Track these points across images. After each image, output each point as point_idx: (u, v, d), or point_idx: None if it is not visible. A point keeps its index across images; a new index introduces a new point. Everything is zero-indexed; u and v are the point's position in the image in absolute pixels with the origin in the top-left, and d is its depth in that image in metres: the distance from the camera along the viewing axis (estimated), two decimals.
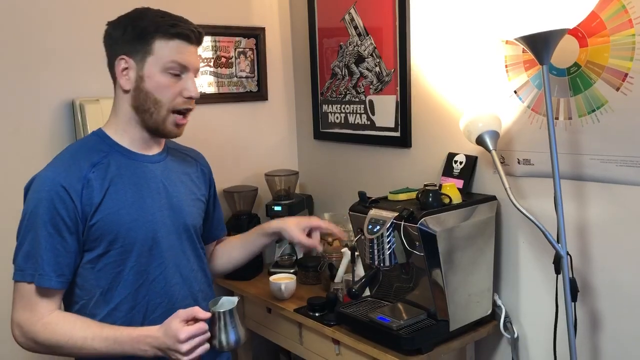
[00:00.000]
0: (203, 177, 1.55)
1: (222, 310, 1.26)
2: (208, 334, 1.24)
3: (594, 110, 1.60)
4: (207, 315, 1.24)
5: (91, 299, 1.31)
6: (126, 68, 1.30)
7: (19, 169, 1.97)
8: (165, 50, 1.28)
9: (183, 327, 1.21)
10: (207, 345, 1.24)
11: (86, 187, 1.26)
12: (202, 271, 1.48)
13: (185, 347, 1.20)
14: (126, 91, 1.31)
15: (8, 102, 1.98)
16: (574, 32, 1.59)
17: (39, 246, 1.24)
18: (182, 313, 1.23)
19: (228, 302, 1.29)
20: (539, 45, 1.49)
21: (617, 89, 1.54)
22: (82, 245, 1.28)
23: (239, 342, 1.27)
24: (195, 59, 1.34)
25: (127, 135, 1.35)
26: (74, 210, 1.25)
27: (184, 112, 1.35)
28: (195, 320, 1.23)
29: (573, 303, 1.58)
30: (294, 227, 1.54)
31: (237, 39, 2.49)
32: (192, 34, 1.30)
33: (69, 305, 1.34)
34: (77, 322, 1.27)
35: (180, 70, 1.31)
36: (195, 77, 1.36)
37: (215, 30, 2.41)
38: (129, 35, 1.28)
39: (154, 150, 1.40)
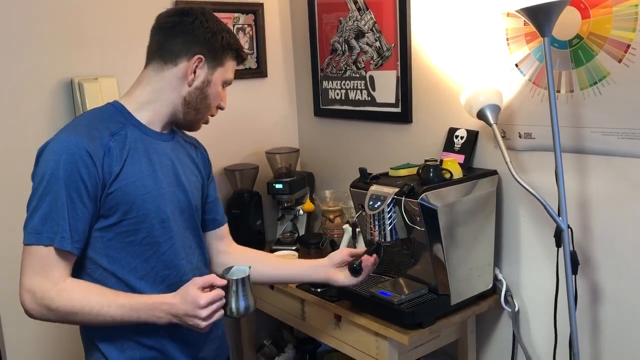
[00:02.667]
0: (203, 162, 1.58)
1: (235, 278, 1.29)
2: (224, 301, 1.27)
3: (595, 83, 1.59)
4: (224, 282, 1.28)
5: (97, 268, 1.32)
6: (198, 67, 1.37)
7: (18, 148, 1.98)
8: (230, 67, 1.44)
9: (201, 293, 1.24)
10: (222, 312, 1.28)
11: (107, 155, 1.27)
12: (200, 249, 1.51)
13: (205, 312, 1.23)
14: (188, 85, 1.38)
15: (7, 82, 1.97)
16: (576, 3, 1.57)
17: (59, 208, 1.23)
18: (199, 280, 1.26)
19: (238, 271, 1.33)
20: (541, 17, 1.47)
21: (619, 61, 1.53)
22: (97, 213, 1.29)
23: (249, 310, 1.31)
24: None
25: (151, 114, 1.39)
26: (95, 175, 1.25)
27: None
28: (211, 287, 1.26)
29: (574, 276, 1.58)
30: (338, 277, 1.62)
31: (236, 15, 2.46)
32: (246, 59, 1.49)
33: (74, 274, 1.32)
34: (92, 288, 1.28)
35: (227, 85, 1.46)
36: None
37: (214, 7, 2.38)
38: (216, 43, 1.38)
39: (166, 130, 1.44)
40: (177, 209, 1.40)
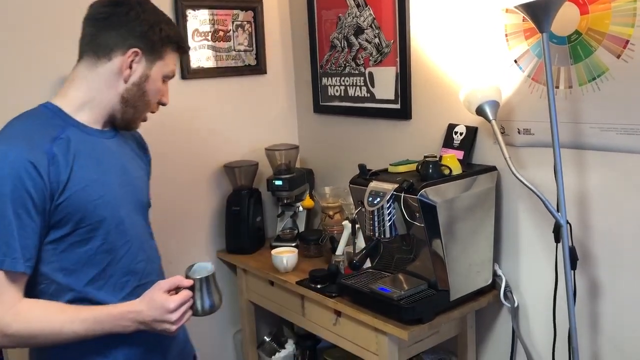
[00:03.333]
0: (143, 153, 1.53)
1: (200, 277, 1.26)
2: (192, 301, 1.24)
3: (594, 79, 1.59)
4: (190, 282, 1.24)
5: (51, 283, 1.24)
6: (134, 61, 1.30)
7: None
8: (170, 60, 1.36)
9: (169, 297, 1.20)
10: (190, 313, 1.25)
11: (52, 164, 1.18)
12: (156, 248, 1.46)
13: (175, 315, 1.20)
14: (124, 81, 1.30)
15: (10, 77, 1.96)
16: None
17: (7, 228, 1.14)
18: (164, 283, 1.22)
19: (200, 268, 1.30)
20: (539, 13, 1.47)
21: (618, 57, 1.53)
22: (47, 226, 1.20)
23: (215, 307, 1.28)
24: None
25: (91, 114, 1.30)
26: (42, 187, 1.16)
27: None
28: (177, 289, 1.23)
29: (572, 271, 1.59)
30: None
31: (235, 11, 2.46)
32: (188, 51, 1.41)
33: (26, 293, 1.23)
34: (50, 307, 1.20)
35: (169, 79, 1.38)
36: None
37: (213, 3, 2.38)
38: (153, 36, 1.30)
39: (106, 127, 1.36)
40: (132, 209, 1.35)
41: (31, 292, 1.23)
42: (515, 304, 1.91)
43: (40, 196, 1.17)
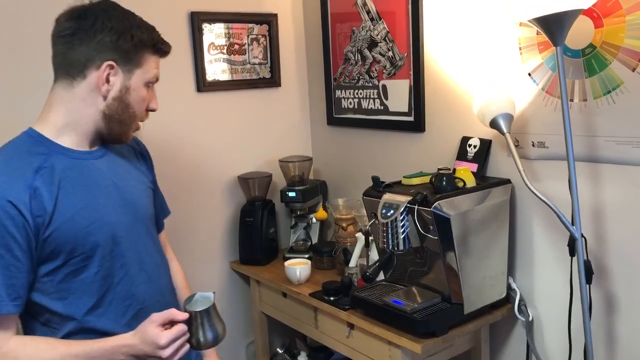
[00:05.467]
0: (144, 160, 1.47)
1: (198, 310, 1.20)
2: (187, 335, 1.19)
3: (609, 92, 1.58)
4: (185, 316, 1.19)
5: (53, 315, 1.22)
6: (110, 75, 1.22)
7: None
8: (150, 65, 1.27)
9: (161, 331, 1.16)
10: (187, 346, 1.20)
11: (34, 198, 1.14)
12: (165, 264, 1.43)
13: (167, 352, 1.15)
14: (103, 97, 1.23)
15: (17, 82, 1.96)
16: (588, 12, 1.57)
17: None
18: (157, 317, 1.17)
19: (202, 298, 1.24)
20: (553, 26, 1.47)
21: (633, 70, 1.52)
22: (35, 262, 1.17)
23: (218, 339, 1.23)
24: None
25: (74, 137, 1.25)
26: (24, 225, 1.13)
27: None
28: (172, 322, 1.18)
29: (588, 286, 1.57)
30: None
31: (250, 25, 2.49)
32: (169, 51, 1.31)
33: (28, 325, 1.24)
34: (40, 344, 1.18)
35: (153, 84, 1.30)
36: None
37: (228, 17, 2.41)
38: (125, 44, 1.21)
39: (94, 146, 1.30)
40: (130, 230, 1.30)
41: (32, 324, 1.22)
42: (530, 318, 1.90)
43: (23, 234, 1.14)
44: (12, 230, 1.12)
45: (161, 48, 1.28)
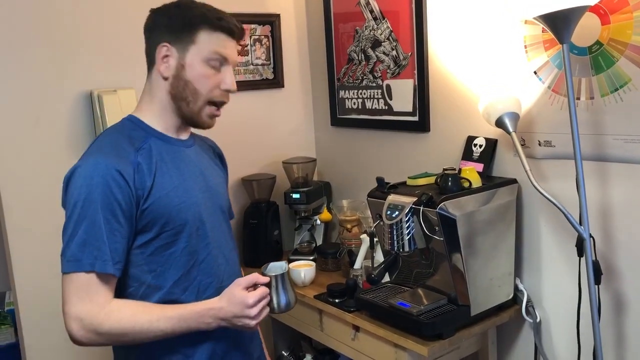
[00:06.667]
0: (221, 162, 1.59)
1: (276, 274, 1.31)
2: (269, 297, 1.29)
3: (616, 89, 1.56)
4: (267, 279, 1.29)
5: (141, 285, 1.30)
6: (167, 55, 1.31)
7: (39, 160, 2.01)
8: (208, 41, 1.32)
9: (248, 293, 1.26)
10: (268, 309, 1.30)
11: (137, 172, 1.26)
12: (237, 250, 1.52)
13: (254, 311, 1.25)
14: (165, 78, 1.33)
15: (28, 93, 1.99)
16: (595, 9, 1.55)
17: (97, 232, 1.22)
18: (243, 281, 1.28)
19: (275, 267, 1.35)
20: (559, 23, 1.45)
21: None
22: (134, 231, 1.28)
23: (290, 305, 1.33)
24: (235, 53, 1.37)
25: (163, 121, 1.37)
26: (129, 194, 1.24)
27: (219, 104, 1.37)
28: (254, 286, 1.28)
29: (596, 286, 1.55)
30: None
31: (253, 26, 2.48)
32: (235, 29, 1.35)
33: (116, 294, 1.30)
34: (138, 306, 1.27)
35: (220, 63, 1.33)
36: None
37: None
38: (175, 23, 1.31)
39: (185, 136, 1.42)
40: (212, 213, 1.40)
41: (122, 294, 1.30)
42: (538, 320, 1.88)
43: (128, 202, 1.24)
44: (119, 197, 1.23)
45: (217, 24, 1.31)
